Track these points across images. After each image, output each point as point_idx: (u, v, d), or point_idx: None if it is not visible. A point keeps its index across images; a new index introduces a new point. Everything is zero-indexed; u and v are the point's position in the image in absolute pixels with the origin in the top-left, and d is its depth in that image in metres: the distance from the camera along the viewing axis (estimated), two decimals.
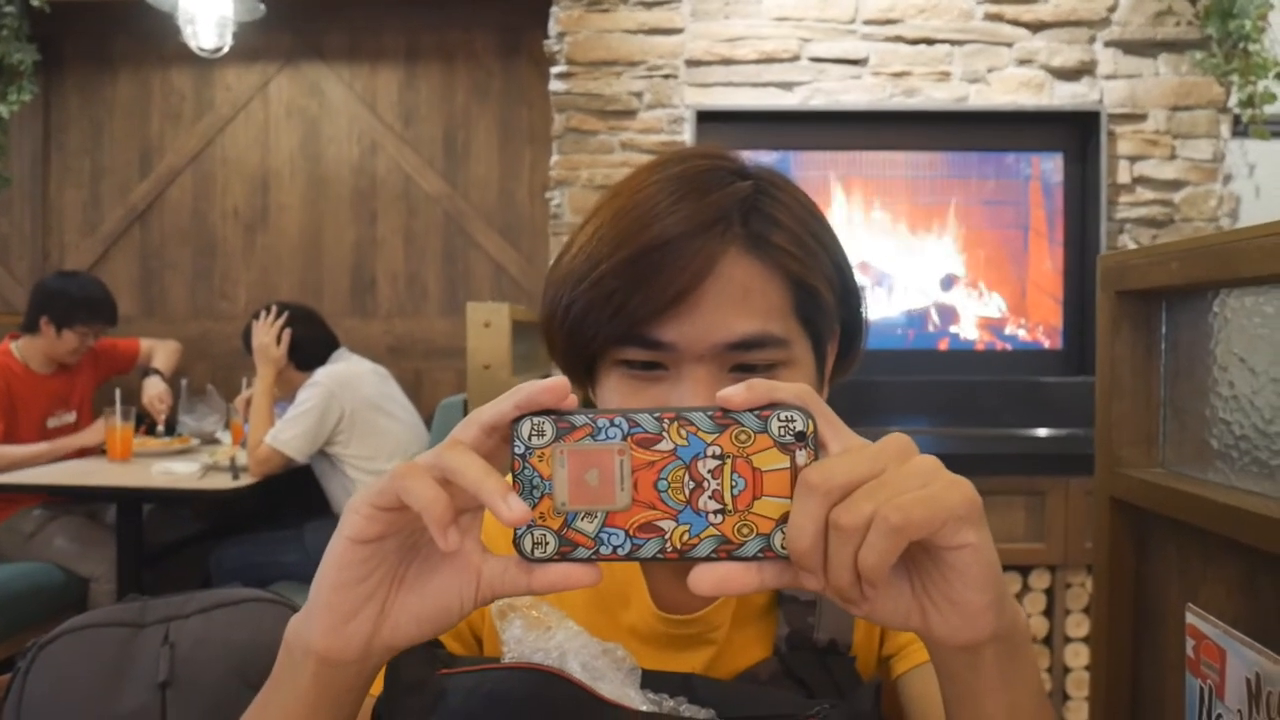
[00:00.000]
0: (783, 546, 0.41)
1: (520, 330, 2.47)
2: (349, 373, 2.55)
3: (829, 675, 0.65)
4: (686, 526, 0.41)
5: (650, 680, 0.61)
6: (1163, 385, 0.86)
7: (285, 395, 2.58)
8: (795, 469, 0.41)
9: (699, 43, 2.85)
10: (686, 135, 2.81)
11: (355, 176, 3.61)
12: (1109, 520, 0.88)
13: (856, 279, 0.67)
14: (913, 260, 2.85)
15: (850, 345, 0.68)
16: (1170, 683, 0.80)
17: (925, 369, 2.79)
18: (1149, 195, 2.81)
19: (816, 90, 2.84)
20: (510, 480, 0.43)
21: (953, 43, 2.82)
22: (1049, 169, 2.83)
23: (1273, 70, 2.70)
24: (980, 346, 2.85)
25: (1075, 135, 2.82)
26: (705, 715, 0.59)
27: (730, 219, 0.59)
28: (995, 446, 2.43)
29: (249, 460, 2.41)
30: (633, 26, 2.86)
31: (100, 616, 0.90)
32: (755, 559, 0.41)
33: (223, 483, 2.36)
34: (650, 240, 0.57)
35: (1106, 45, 2.81)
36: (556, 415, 0.42)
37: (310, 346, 2.59)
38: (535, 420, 0.42)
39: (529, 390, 0.42)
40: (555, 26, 2.90)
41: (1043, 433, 2.54)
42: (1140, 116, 2.80)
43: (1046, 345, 2.84)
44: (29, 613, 2.41)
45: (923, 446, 0.44)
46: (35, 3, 3.01)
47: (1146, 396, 0.87)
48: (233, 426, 2.94)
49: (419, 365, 3.57)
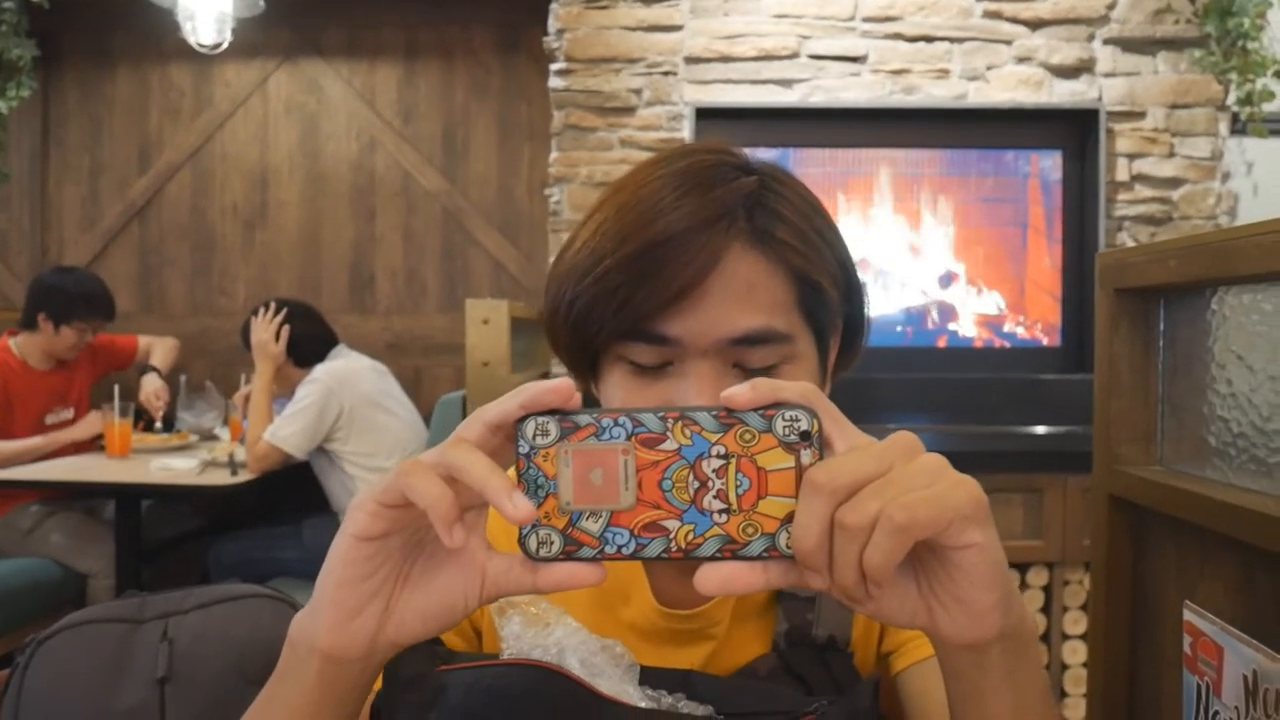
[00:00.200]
0: (788, 546, 0.41)
1: (519, 327, 2.47)
2: (348, 369, 2.55)
3: (828, 671, 0.65)
4: (691, 526, 0.41)
5: (648, 677, 0.61)
6: (1161, 383, 0.86)
7: (284, 392, 2.58)
8: (800, 468, 0.41)
9: (698, 39, 2.85)
10: (686, 132, 2.80)
11: (354, 173, 3.61)
12: (1107, 517, 0.88)
13: (859, 275, 0.67)
14: (911, 258, 2.85)
15: (852, 341, 0.68)
16: (1167, 680, 0.81)
17: (924, 366, 2.80)
18: (1147, 193, 2.81)
19: (816, 87, 2.83)
20: (515, 479, 0.43)
21: (952, 40, 2.82)
22: (1048, 167, 2.83)
23: (1271, 68, 2.70)
24: (979, 344, 2.85)
25: (1074, 133, 2.82)
26: (704, 712, 0.59)
27: (735, 214, 0.59)
28: (993, 444, 2.43)
29: (247, 457, 2.41)
30: (632, 23, 2.86)
31: (99, 612, 0.90)
32: (760, 558, 0.41)
33: (221, 479, 2.37)
34: (654, 235, 0.57)
35: (1105, 43, 2.81)
36: (561, 415, 0.42)
37: (309, 343, 2.58)
38: (540, 420, 0.42)
39: (534, 390, 0.42)
40: (554, 23, 2.89)
41: (1041, 430, 2.54)
42: (1139, 114, 2.80)
43: (1045, 343, 2.84)
44: (27, 609, 2.41)
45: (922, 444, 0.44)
46: None
47: (1145, 394, 0.87)
48: (231, 423, 2.94)
49: (418, 362, 3.57)
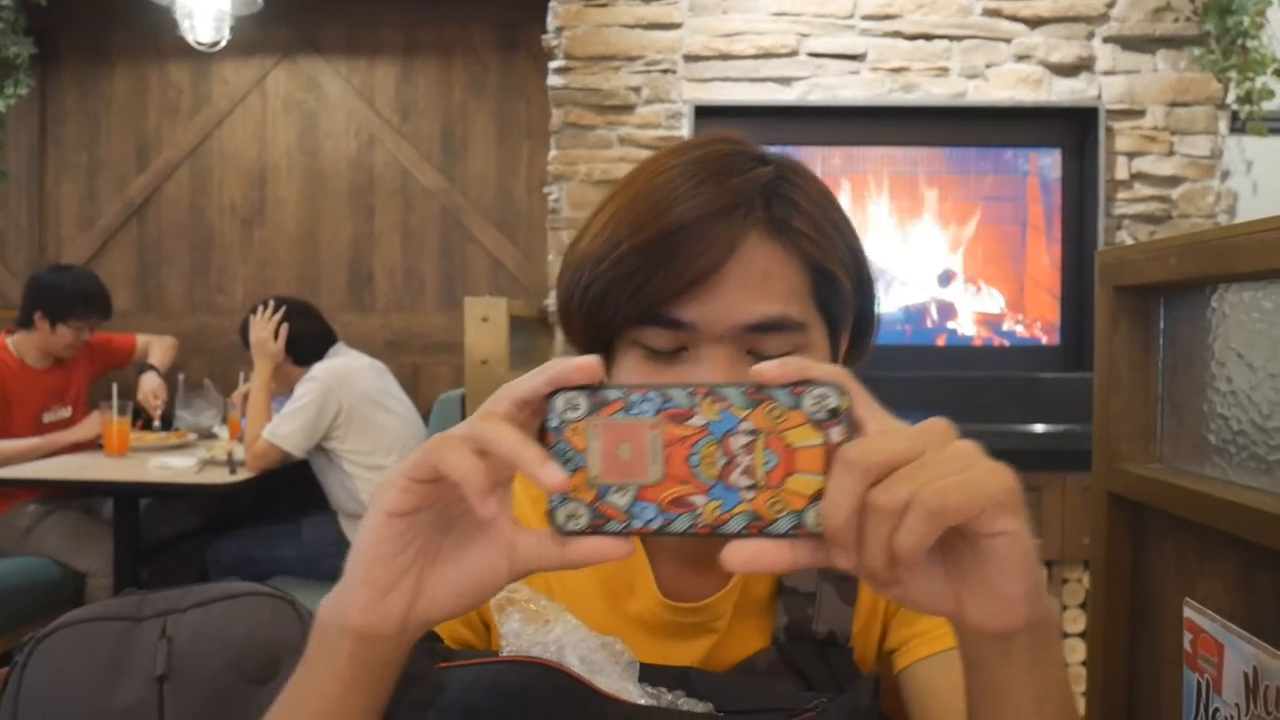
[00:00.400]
0: (815, 524, 0.40)
1: (518, 325, 2.47)
2: (346, 367, 2.55)
3: (827, 667, 0.65)
4: (719, 502, 0.41)
5: (648, 673, 0.61)
6: (1161, 380, 0.86)
7: (283, 390, 2.58)
8: (829, 446, 0.40)
9: (697, 38, 2.85)
10: (684, 130, 2.80)
11: (353, 171, 3.60)
12: (1106, 515, 0.88)
13: (870, 270, 0.67)
14: (911, 256, 2.85)
15: (862, 335, 0.68)
16: (1167, 678, 0.81)
17: (923, 365, 2.80)
18: (1147, 191, 2.81)
19: (814, 85, 2.83)
20: None
21: (951, 38, 2.82)
22: (1047, 165, 2.83)
23: (1271, 66, 2.70)
24: (978, 342, 2.85)
25: (1073, 131, 2.82)
26: (703, 708, 0.59)
27: (752, 203, 0.59)
28: (992, 442, 2.38)
29: (246, 455, 2.40)
30: (631, 21, 2.85)
31: (97, 610, 0.90)
32: (787, 536, 0.41)
33: (220, 477, 2.36)
34: (672, 221, 0.58)
35: (1105, 41, 2.81)
36: (590, 389, 0.43)
37: (307, 341, 2.58)
38: (569, 395, 0.42)
39: (561, 367, 0.43)
40: (553, 21, 2.89)
41: (1040, 428, 2.54)
42: (1138, 113, 2.80)
43: (1044, 341, 2.84)
44: (25, 608, 2.40)
45: None
46: None
47: (1144, 392, 0.87)
48: (230, 421, 2.93)
49: (416, 360, 3.57)
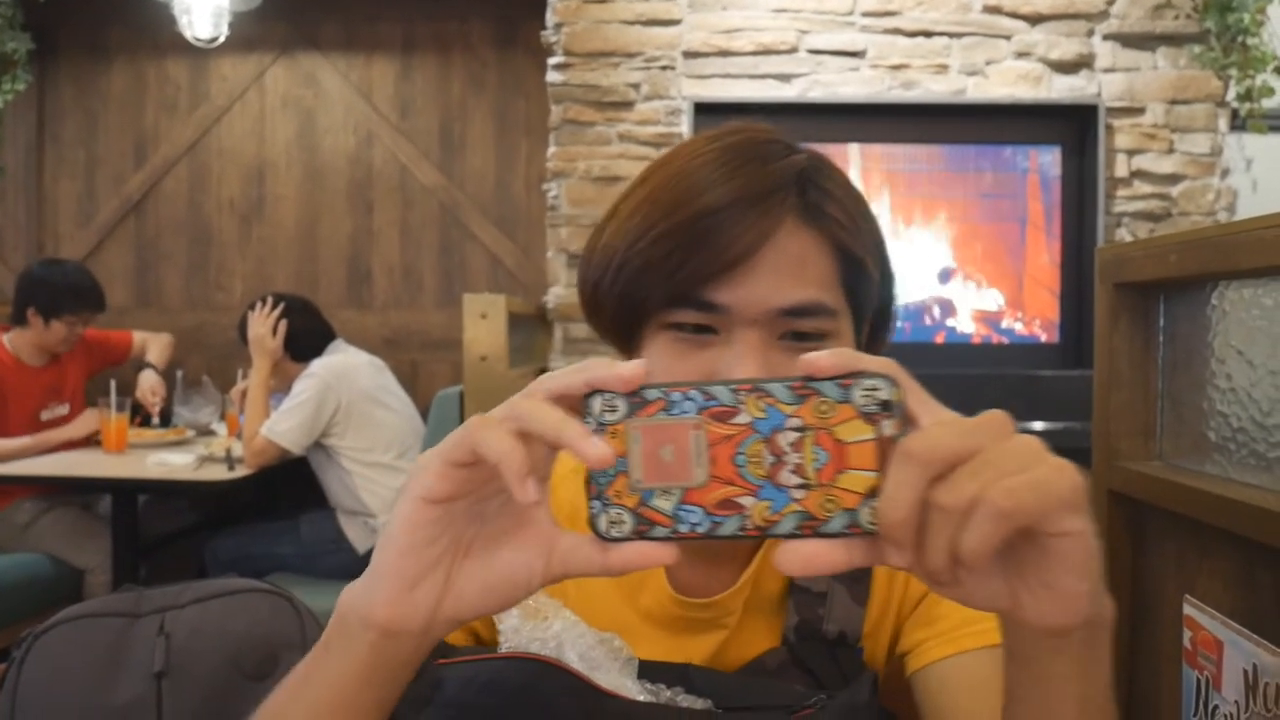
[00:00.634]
0: (870, 522, 0.39)
1: (516, 322, 2.47)
2: (345, 364, 2.54)
3: (837, 667, 0.65)
4: (768, 503, 0.40)
5: (647, 670, 0.61)
6: (1160, 378, 0.86)
7: (281, 387, 2.58)
8: (881, 440, 0.39)
9: (696, 34, 2.84)
10: (684, 127, 2.80)
11: (351, 168, 3.60)
12: (1106, 513, 0.88)
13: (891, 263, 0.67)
14: (910, 253, 2.84)
15: (882, 328, 0.68)
16: (1167, 674, 0.80)
17: (922, 362, 2.78)
18: (1147, 189, 2.81)
19: (814, 82, 2.83)
20: None
21: (951, 35, 2.82)
22: (1047, 162, 2.83)
23: (1271, 64, 2.69)
24: (977, 340, 2.85)
25: (1073, 128, 2.82)
26: (702, 705, 0.59)
27: (788, 189, 0.60)
28: None
29: (244, 452, 2.40)
30: (630, 17, 2.85)
31: (95, 606, 0.90)
32: (841, 535, 0.39)
33: (218, 474, 2.36)
34: (710, 203, 0.58)
35: (1105, 38, 2.80)
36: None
37: (306, 338, 2.58)
38: (607, 396, 0.41)
39: (601, 371, 0.41)
40: (552, 17, 2.88)
41: (1039, 426, 2.54)
42: (1138, 110, 2.80)
43: (1043, 339, 2.84)
44: (24, 604, 2.40)
45: None
46: None
47: (1144, 389, 0.87)
48: (228, 418, 2.93)
49: (415, 357, 3.56)
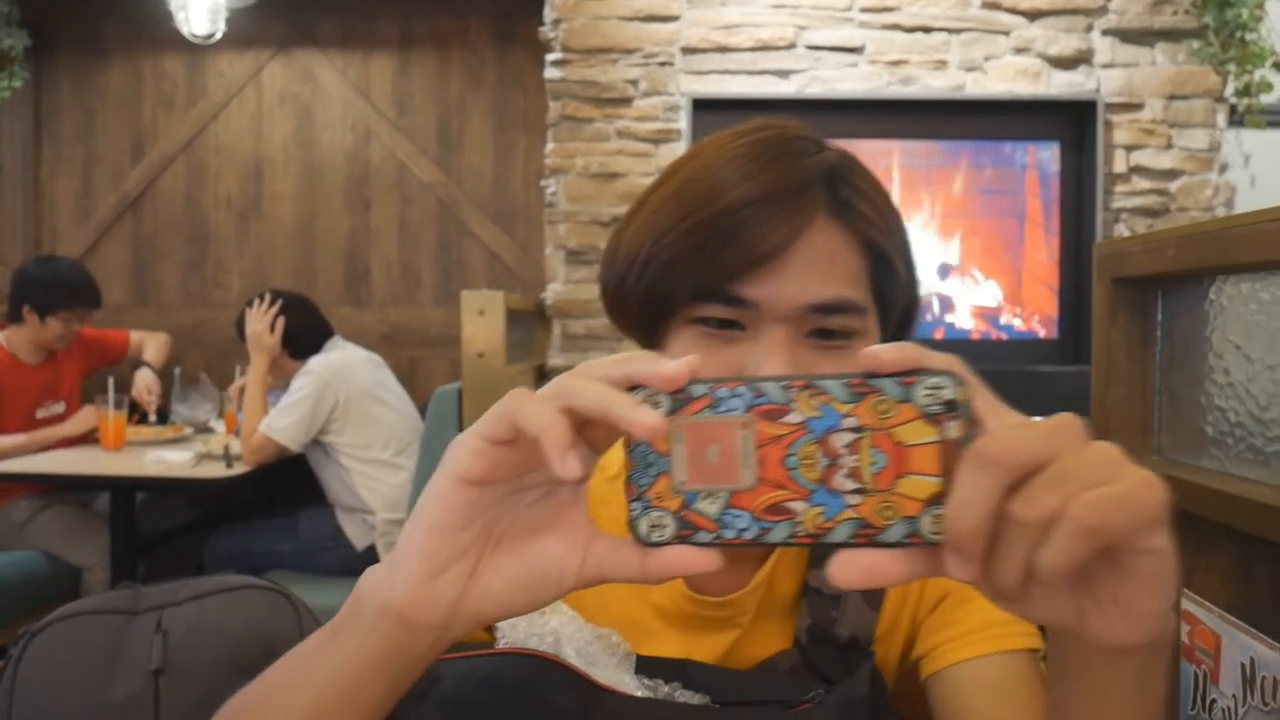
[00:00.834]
0: (933, 532, 0.35)
1: (515, 318, 2.47)
2: (343, 361, 2.54)
3: (848, 670, 0.64)
4: (821, 508, 0.37)
5: (644, 665, 0.61)
6: (1158, 372, 0.86)
7: (279, 384, 2.58)
8: (946, 443, 0.35)
9: (695, 30, 2.84)
10: (682, 123, 2.80)
11: (349, 164, 3.59)
12: None
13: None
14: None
15: (906, 329, 0.68)
16: None
17: None
18: (1145, 184, 2.81)
19: (813, 78, 2.83)
20: (623, 458, 0.39)
21: (950, 31, 2.81)
22: (1045, 158, 2.83)
23: (1269, 59, 2.69)
24: (976, 335, 2.85)
25: (1072, 124, 2.82)
26: (700, 700, 0.59)
27: (819, 185, 0.59)
28: None
29: (242, 449, 2.40)
30: (628, 13, 2.84)
31: (93, 604, 0.90)
32: (900, 545, 0.36)
33: (216, 471, 2.36)
34: (741, 198, 0.57)
35: (1103, 34, 2.80)
36: None
37: (304, 335, 2.58)
38: (649, 390, 0.38)
39: (644, 366, 0.38)
40: (550, 13, 2.88)
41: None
42: (1137, 106, 2.80)
43: (1042, 334, 2.84)
44: (21, 602, 2.40)
45: None
46: None
47: (1142, 384, 0.87)
48: (226, 415, 2.93)
49: (413, 354, 3.56)
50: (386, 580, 0.42)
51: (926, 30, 2.81)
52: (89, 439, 2.75)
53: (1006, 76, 2.81)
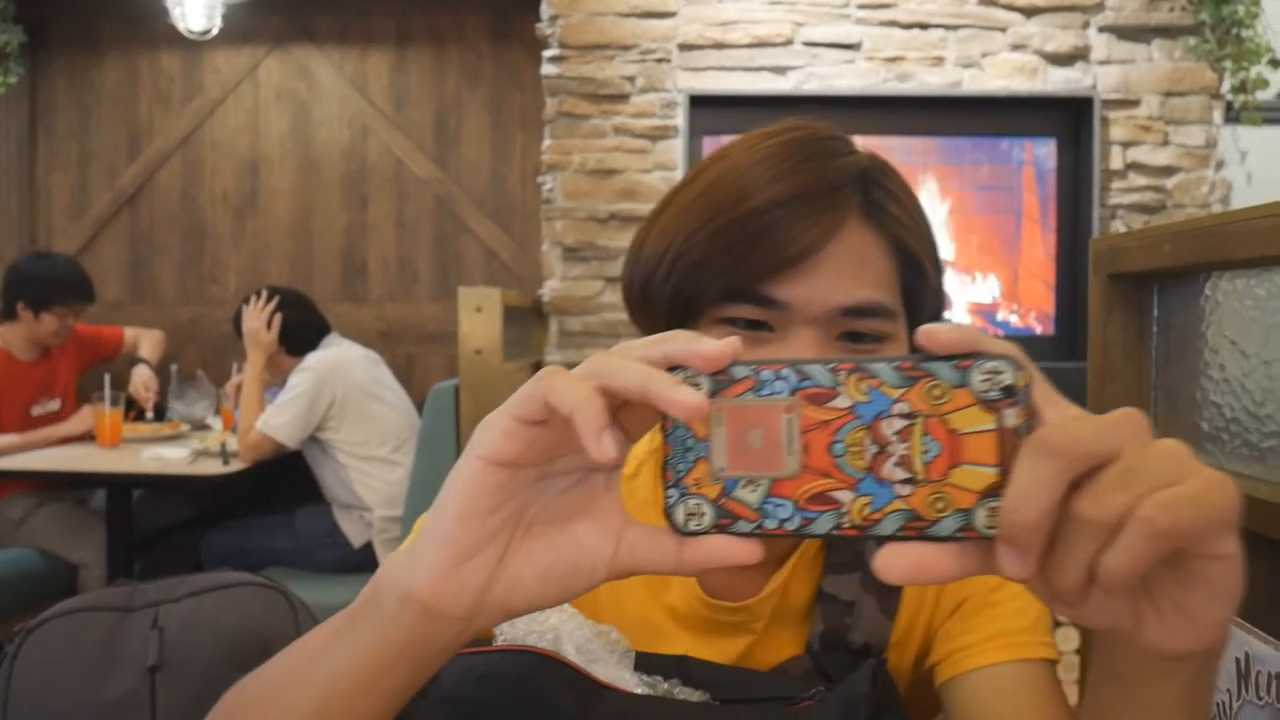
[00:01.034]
0: (988, 526, 0.33)
1: (512, 315, 2.47)
2: (340, 358, 2.54)
3: None
4: (868, 498, 0.35)
5: (644, 662, 0.61)
6: (1154, 368, 0.86)
7: (276, 380, 2.57)
8: (1003, 431, 0.33)
9: (692, 26, 2.83)
10: (679, 120, 2.79)
11: (346, 160, 3.59)
12: None
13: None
14: None
15: None
16: None
17: None
18: (1141, 181, 2.81)
19: (810, 75, 2.82)
20: (660, 441, 0.38)
21: (947, 27, 2.81)
22: (1042, 154, 2.83)
23: (1265, 56, 2.70)
24: None
25: (1068, 121, 2.82)
26: (699, 697, 0.59)
27: (851, 187, 0.59)
28: None
29: (239, 446, 2.40)
30: (625, 10, 2.84)
31: (89, 600, 0.90)
32: (952, 539, 0.34)
33: (213, 468, 2.36)
34: (772, 198, 0.57)
35: (1100, 30, 2.80)
36: None
37: (301, 331, 2.58)
38: (689, 372, 0.36)
39: (684, 346, 0.37)
40: (547, 10, 2.87)
41: None
42: (1133, 102, 2.80)
43: (1038, 331, 2.84)
44: (17, 600, 2.39)
45: None
46: None
47: (1137, 379, 0.87)
48: (223, 412, 2.92)
49: (410, 350, 3.56)
50: (409, 567, 0.40)
51: (923, 27, 2.81)
52: (85, 435, 2.74)
53: (1003, 73, 2.81)
